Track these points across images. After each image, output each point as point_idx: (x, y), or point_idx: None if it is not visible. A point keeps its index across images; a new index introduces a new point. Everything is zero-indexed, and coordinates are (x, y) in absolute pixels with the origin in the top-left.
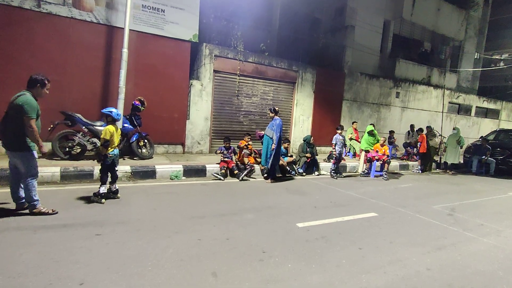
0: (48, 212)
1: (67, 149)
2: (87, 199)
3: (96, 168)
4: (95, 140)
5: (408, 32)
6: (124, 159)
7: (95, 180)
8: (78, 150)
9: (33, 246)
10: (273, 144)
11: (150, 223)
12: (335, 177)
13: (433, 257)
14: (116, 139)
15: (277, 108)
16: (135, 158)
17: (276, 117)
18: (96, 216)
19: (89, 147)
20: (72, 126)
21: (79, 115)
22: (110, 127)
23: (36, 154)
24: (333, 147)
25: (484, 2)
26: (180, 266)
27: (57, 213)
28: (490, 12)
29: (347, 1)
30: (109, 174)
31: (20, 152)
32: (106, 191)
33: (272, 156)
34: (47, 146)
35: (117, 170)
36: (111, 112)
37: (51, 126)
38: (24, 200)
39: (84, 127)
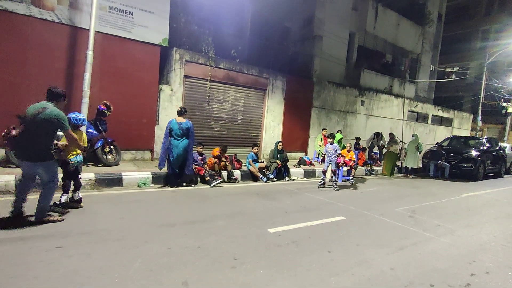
0: None
1: None
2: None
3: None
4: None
5: (372, 44)
6: (87, 166)
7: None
8: None
9: None
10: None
11: (117, 232)
12: (336, 188)
13: (396, 257)
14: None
15: (181, 109)
16: (100, 165)
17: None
18: (57, 227)
19: None
20: None
21: None
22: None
23: None
24: (322, 156)
25: (437, 20)
26: (149, 277)
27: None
28: (443, 29)
29: (315, 12)
30: (72, 182)
31: None
32: (68, 200)
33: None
34: (0, 153)
35: (80, 178)
36: (69, 117)
37: (5, 131)
38: None
39: None
